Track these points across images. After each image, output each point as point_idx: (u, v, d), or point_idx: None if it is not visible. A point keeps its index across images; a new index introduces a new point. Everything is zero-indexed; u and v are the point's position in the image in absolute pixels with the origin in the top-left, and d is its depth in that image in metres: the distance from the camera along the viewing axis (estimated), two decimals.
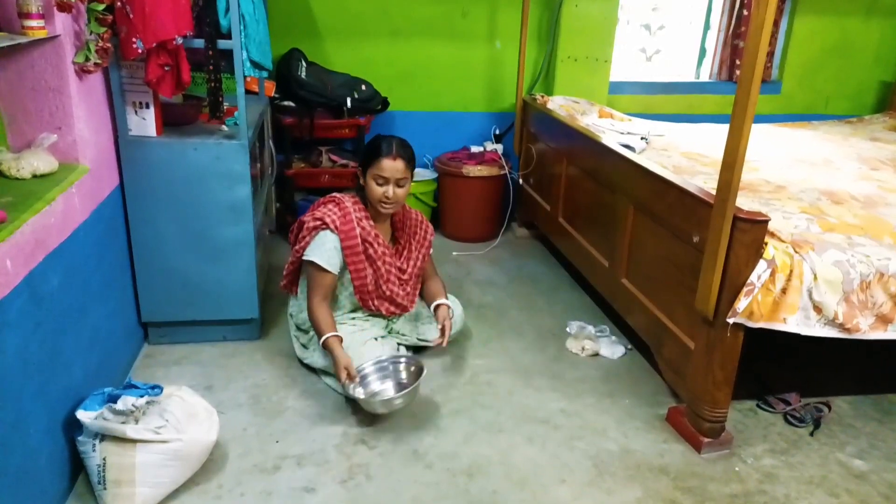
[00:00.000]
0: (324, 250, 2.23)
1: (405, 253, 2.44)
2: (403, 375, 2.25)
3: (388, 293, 2.36)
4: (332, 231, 2.24)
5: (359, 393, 2.14)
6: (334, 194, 2.37)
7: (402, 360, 2.28)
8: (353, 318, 2.41)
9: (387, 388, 2.23)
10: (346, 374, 2.09)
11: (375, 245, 2.30)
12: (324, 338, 2.15)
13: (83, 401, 1.77)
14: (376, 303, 2.37)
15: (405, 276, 2.41)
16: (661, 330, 2.26)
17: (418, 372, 2.17)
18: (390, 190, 2.25)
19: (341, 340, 2.18)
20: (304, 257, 2.25)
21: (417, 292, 2.49)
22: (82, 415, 1.70)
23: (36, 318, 1.60)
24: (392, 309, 2.41)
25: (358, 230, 2.27)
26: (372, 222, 2.32)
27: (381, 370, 2.25)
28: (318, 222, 2.26)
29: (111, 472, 1.69)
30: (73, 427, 1.75)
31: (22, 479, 1.52)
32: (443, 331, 2.34)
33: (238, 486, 1.85)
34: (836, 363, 2.59)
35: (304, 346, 2.42)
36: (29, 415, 1.56)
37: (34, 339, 1.59)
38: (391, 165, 2.23)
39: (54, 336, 1.71)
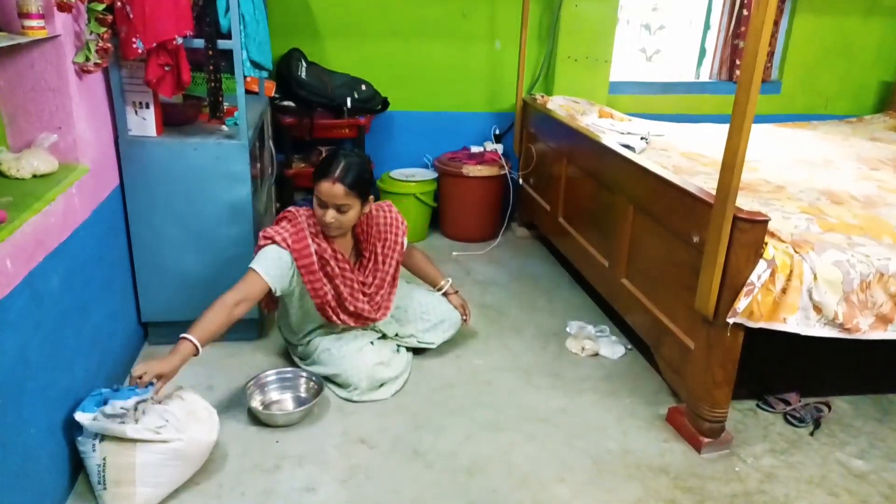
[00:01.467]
0: (265, 259, 2.12)
1: (370, 266, 2.33)
2: (303, 390, 2.27)
3: (352, 308, 2.26)
4: (280, 247, 2.12)
5: (256, 402, 2.16)
6: (290, 209, 2.25)
7: (303, 374, 2.29)
8: (341, 331, 2.38)
9: (285, 400, 2.25)
10: (140, 373, 1.76)
11: (332, 262, 2.19)
12: (184, 334, 1.88)
13: (82, 401, 1.76)
14: (342, 317, 2.27)
15: (370, 290, 2.32)
16: (660, 330, 2.26)
17: (318, 390, 2.21)
18: (328, 215, 2.12)
19: (194, 353, 1.88)
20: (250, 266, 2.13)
21: (392, 298, 2.38)
22: (81, 416, 1.70)
23: (36, 318, 1.60)
24: (361, 322, 2.32)
25: (313, 247, 2.15)
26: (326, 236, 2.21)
27: (282, 381, 2.28)
28: (268, 241, 2.14)
29: (111, 472, 1.69)
30: (74, 427, 1.74)
31: (22, 479, 1.52)
32: (463, 311, 2.56)
33: (238, 485, 1.86)
34: (836, 363, 2.59)
35: (302, 360, 2.42)
36: (29, 415, 1.56)
37: (34, 339, 1.59)
38: (328, 189, 2.09)
39: (55, 336, 1.71)
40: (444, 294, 2.56)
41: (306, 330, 2.36)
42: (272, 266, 2.11)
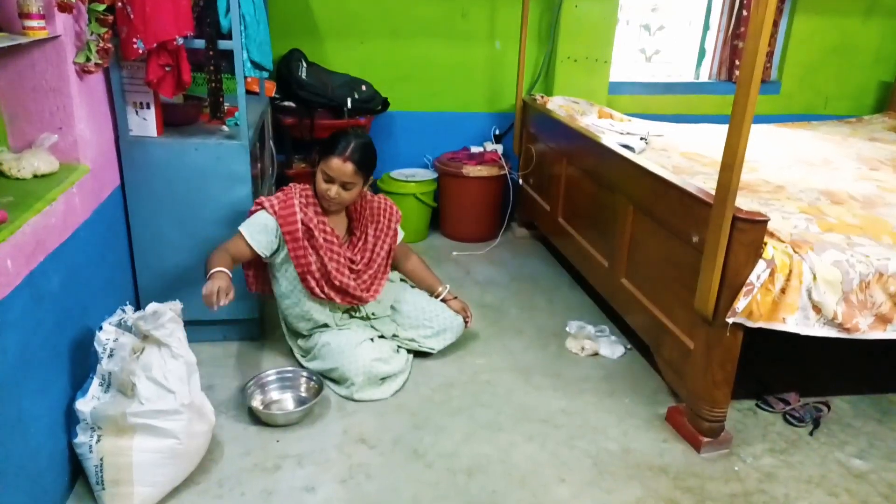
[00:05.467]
0: (253, 224, 2.22)
1: (359, 244, 2.40)
2: (303, 389, 2.28)
3: (338, 283, 2.30)
4: (268, 213, 2.22)
5: (256, 401, 2.17)
6: (290, 184, 2.36)
7: (304, 374, 2.31)
8: (339, 327, 2.39)
9: (285, 399, 2.25)
10: (216, 287, 1.92)
11: (317, 232, 2.25)
12: (212, 271, 2.02)
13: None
14: (327, 291, 2.31)
15: (357, 267, 2.37)
16: (660, 330, 2.26)
17: (318, 389, 2.22)
18: (333, 189, 2.23)
19: (228, 277, 2.02)
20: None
21: (382, 282, 2.44)
22: (81, 404, 1.69)
23: (36, 318, 1.60)
24: (348, 300, 2.36)
25: (299, 216, 2.23)
26: (319, 209, 2.30)
27: (282, 380, 2.29)
28: (259, 207, 2.25)
29: (109, 472, 1.69)
30: (72, 428, 1.74)
31: (22, 479, 1.52)
32: (465, 314, 2.56)
33: (238, 485, 1.86)
34: (836, 363, 2.59)
35: (303, 356, 2.42)
36: (29, 415, 1.56)
37: (35, 338, 1.59)
38: (338, 166, 2.20)
39: (55, 336, 1.71)
40: (443, 300, 2.56)
41: (306, 318, 2.36)
42: (257, 231, 2.21)
